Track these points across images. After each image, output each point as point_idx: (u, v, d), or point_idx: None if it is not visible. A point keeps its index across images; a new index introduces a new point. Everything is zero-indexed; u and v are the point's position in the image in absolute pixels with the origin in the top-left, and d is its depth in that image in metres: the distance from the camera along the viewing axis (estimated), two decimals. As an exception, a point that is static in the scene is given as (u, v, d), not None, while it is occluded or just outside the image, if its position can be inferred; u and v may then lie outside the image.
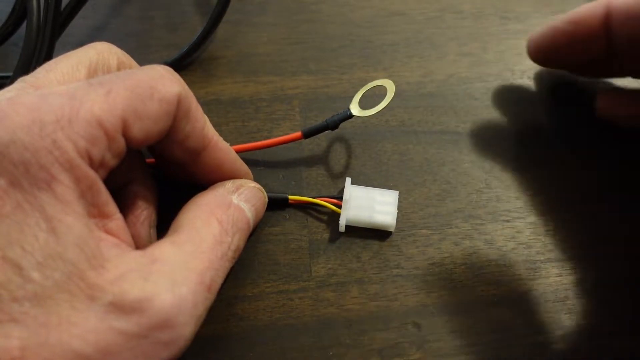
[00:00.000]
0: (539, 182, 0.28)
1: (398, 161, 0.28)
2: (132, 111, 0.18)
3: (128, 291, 0.16)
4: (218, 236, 0.20)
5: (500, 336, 0.24)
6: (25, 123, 0.16)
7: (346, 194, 0.26)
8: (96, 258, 0.16)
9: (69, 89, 0.17)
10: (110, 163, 0.18)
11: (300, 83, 0.30)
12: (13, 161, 0.16)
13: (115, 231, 0.18)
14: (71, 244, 0.16)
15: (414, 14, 0.34)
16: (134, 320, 0.16)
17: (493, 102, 0.30)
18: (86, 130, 0.17)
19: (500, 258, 0.25)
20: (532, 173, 0.28)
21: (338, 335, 0.23)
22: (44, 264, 0.15)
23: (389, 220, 0.25)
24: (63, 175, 0.16)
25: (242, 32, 0.32)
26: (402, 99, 0.30)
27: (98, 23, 0.33)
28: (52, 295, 0.15)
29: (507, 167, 0.28)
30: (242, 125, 0.29)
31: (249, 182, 0.23)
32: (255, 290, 0.24)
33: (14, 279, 0.15)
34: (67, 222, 0.16)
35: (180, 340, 0.17)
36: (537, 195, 0.27)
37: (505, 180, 0.28)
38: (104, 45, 0.21)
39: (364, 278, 0.25)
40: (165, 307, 0.17)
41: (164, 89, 0.19)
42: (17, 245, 0.15)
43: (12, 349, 0.15)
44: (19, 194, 0.16)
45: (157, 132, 0.19)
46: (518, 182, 0.28)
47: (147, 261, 0.18)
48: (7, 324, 0.15)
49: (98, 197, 0.17)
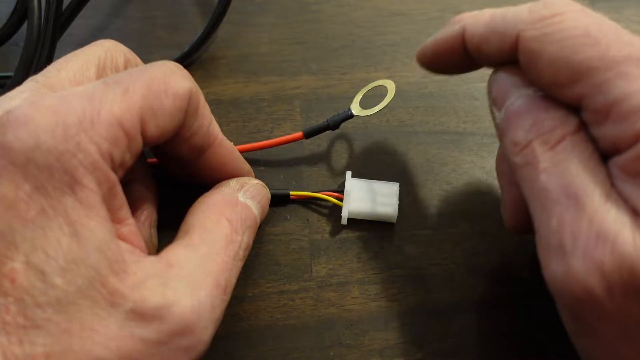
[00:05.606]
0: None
1: (399, 161, 0.28)
2: (149, 108, 0.18)
3: (148, 298, 0.16)
4: (229, 236, 0.20)
5: (501, 336, 0.24)
6: (49, 126, 0.16)
7: (347, 186, 0.26)
8: (118, 263, 0.16)
9: (87, 89, 0.17)
10: (129, 163, 0.18)
11: (301, 83, 0.30)
12: (38, 166, 0.15)
13: (128, 237, 0.18)
14: (94, 248, 0.16)
15: (414, 14, 0.34)
16: (154, 327, 0.16)
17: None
18: (108, 132, 0.17)
19: (500, 258, 0.25)
20: (533, 173, 0.28)
21: (339, 336, 0.23)
22: (67, 269, 0.15)
23: (390, 211, 0.25)
24: (87, 178, 0.16)
25: (243, 32, 0.32)
26: (403, 99, 0.30)
27: (99, 23, 0.33)
28: (75, 301, 0.15)
29: (508, 168, 0.28)
30: (243, 125, 0.29)
31: (252, 180, 0.23)
32: (256, 291, 0.24)
33: (38, 285, 0.15)
34: (90, 227, 0.16)
35: (200, 345, 0.17)
36: (538, 195, 0.27)
37: (506, 180, 0.28)
38: (110, 43, 0.21)
39: (365, 278, 0.25)
40: (185, 314, 0.17)
41: (176, 84, 0.19)
42: (40, 251, 0.15)
43: (37, 356, 0.15)
44: (43, 198, 0.15)
45: (171, 128, 0.19)
46: (519, 182, 0.28)
47: (164, 266, 0.18)
48: (31, 330, 0.15)
49: (115, 201, 0.17)
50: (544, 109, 0.19)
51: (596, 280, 0.16)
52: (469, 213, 0.27)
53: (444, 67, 0.24)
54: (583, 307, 0.17)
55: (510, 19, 0.20)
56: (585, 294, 0.17)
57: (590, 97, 0.18)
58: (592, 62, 0.18)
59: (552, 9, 0.19)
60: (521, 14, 0.19)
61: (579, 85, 0.18)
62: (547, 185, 0.18)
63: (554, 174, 0.18)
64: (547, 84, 0.19)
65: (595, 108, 0.18)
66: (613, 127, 0.17)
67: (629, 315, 0.17)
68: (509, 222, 0.22)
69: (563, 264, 0.17)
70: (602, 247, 0.16)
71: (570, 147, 0.18)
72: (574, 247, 0.17)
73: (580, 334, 0.19)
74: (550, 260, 0.18)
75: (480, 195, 0.27)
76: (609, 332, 0.17)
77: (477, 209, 0.27)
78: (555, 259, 0.17)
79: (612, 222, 0.16)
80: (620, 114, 0.17)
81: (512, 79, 0.20)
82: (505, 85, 0.20)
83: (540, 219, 0.18)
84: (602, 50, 0.17)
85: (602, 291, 0.16)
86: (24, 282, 0.15)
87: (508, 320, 0.24)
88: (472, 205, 0.27)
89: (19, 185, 0.15)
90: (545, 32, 0.18)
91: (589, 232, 0.17)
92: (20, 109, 0.16)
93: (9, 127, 0.16)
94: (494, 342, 0.23)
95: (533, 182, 0.18)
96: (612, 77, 0.17)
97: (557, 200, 0.17)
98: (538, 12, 0.19)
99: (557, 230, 0.17)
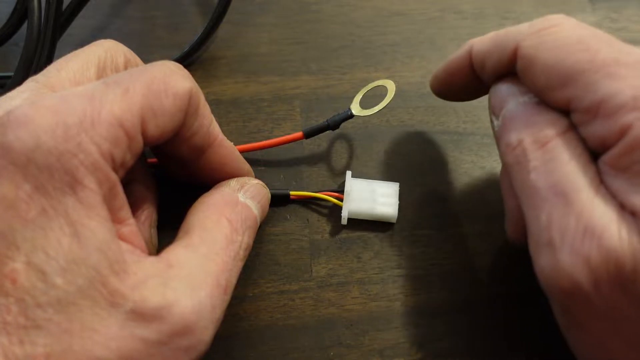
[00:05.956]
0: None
1: (399, 161, 0.28)
2: (149, 108, 0.18)
3: (148, 298, 0.16)
4: (229, 236, 0.20)
5: (501, 336, 0.24)
6: (49, 126, 0.16)
7: (347, 186, 0.26)
8: (118, 263, 0.16)
9: (87, 89, 0.17)
10: (129, 163, 0.18)
11: (301, 83, 0.30)
12: (38, 166, 0.15)
13: (128, 237, 0.18)
14: (94, 249, 0.16)
15: (414, 14, 0.34)
16: (155, 327, 0.16)
17: (494, 102, 0.30)
18: (109, 132, 0.17)
19: (501, 258, 0.25)
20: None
21: (339, 336, 0.23)
22: (68, 269, 0.15)
23: (390, 211, 0.25)
24: (88, 179, 0.16)
25: (243, 32, 0.32)
26: (403, 99, 0.30)
27: (99, 23, 0.33)
28: (75, 302, 0.15)
29: (507, 168, 0.28)
30: (243, 125, 0.29)
31: (252, 180, 0.23)
32: (256, 291, 0.24)
33: (38, 285, 0.15)
34: (90, 227, 0.16)
35: (200, 345, 0.17)
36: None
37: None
38: (110, 43, 0.22)
39: (365, 278, 0.25)
40: (185, 314, 0.17)
41: (176, 84, 0.19)
42: (41, 251, 0.15)
43: (38, 356, 0.15)
44: (44, 198, 0.15)
45: (172, 128, 0.19)
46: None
47: (164, 266, 0.18)
48: (32, 330, 0.15)
49: (115, 201, 0.17)
50: (536, 112, 0.20)
51: (583, 274, 0.17)
52: (468, 213, 0.27)
53: (455, 90, 0.26)
54: (571, 301, 0.18)
55: (511, 33, 0.21)
56: (573, 288, 0.17)
57: (579, 98, 0.18)
58: (581, 65, 0.18)
59: (550, 21, 0.20)
60: (522, 28, 0.21)
61: (569, 87, 0.19)
62: (537, 183, 0.18)
63: (543, 172, 0.18)
64: (541, 88, 0.20)
65: (584, 108, 0.18)
66: (601, 124, 0.18)
67: (615, 309, 0.17)
68: (511, 234, 0.22)
69: (552, 259, 0.18)
70: (589, 241, 0.17)
71: (560, 146, 0.19)
72: (562, 243, 0.17)
73: (570, 327, 0.19)
74: (539, 255, 0.18)
75: (480, 196, 0.27)
76: (596, 325, 0.18)
77: (477, 209, 0.27)
78: (544, 255, 0.18)
79: (599, 217, 0.17)
80: (607, 111, 0.18)
81: (509, 89, 0.21)
82: (503, 94, 0.22)
83: (530, 216, 0.19)
84: (592, 54, 0.19)
85: (589, 285, 0.17)
86: (25, 282, 0.15)
87: (508, 320, 0.24)
88: (472, 205, 0.27)
89: (19, 186, 0.15)
90: (541, 40, 0.20)
91: (577, 227, 0.17)
92: (20, 109, 0.16)
93: (10, 127, 0.16)
94: (494, 342, 0.23)
95: (524, 180, 0.19)
96: (600, 78, 0.18)
97: (546, 198, 0.18)
98: (537, 25, 0.20)
99: (546, 226, 0.18)
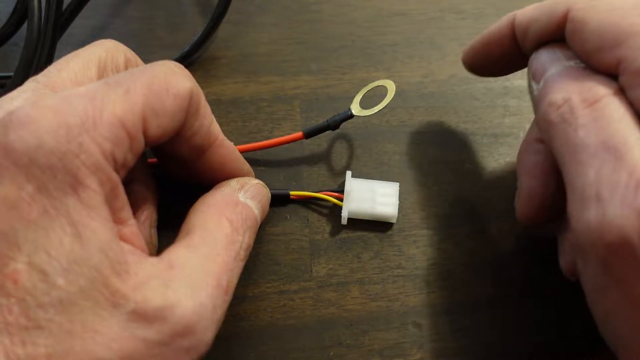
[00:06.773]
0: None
1: (399, 161, 0.28)
2: (150, 108, 0.18)
3: (150, 299, 0.16)
4: (230, 236, 0.20)
5: (501, 336, 0.24)
6: (51, 127, 0.16)
7: (347, 186, 0.26)
8: (120, 264, 0.16)
9: (88, 90, 0.17)
10: (131, 163, 0.18)
11: (301, 83, 0.30)
12: (40, 166, 0.15)
13: (129, 237, 0.18)
14: (96, 249, 0.16)
15: (414, 14, 0.34)
16: (156, 328, 0.16)
17: (493, 102, 0.30)
18: (110, 132, 0.17)
19: (500, 258, 0.25)
20: (533, 173, 0.28)
21: (339, 336, 0.23)
22: (69, 269, 0.15)
23: (390, 211, 0.25)
24: (90, 179, 0.16)
25: (243, 32, 0.32)
26: (403, 99, 0.30)
27: (99, 23, 0.33)
28: (76, 302, 0.15)
29: (507, 167, 0.28)
30: (243, 125, 0.29)
31: (252, 180, 0.23)
32: (256, 291, 0.24)
33: (40, 285, 0.15)
34: (92, 227, 0.16)
35: (201, 346, 0.17)
36: (537, 195, 0.27)
37: (506, 180, 0.28)
38: (111, 43, 0.22)
39: (365, 278, 0.25)
40: (186, 315, 0.17)
41: (177, 84, 0.19)
42: (43, 251, 0.15)
43: (39, 357, 0.15)
44: (46, 199, 0.15)
45: (173, 128, 0.19)
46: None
47: (165, 267, 0.18)
48: (33, 330, 0.15)
49: (117, 201, 0.17)
50: (584, 74, 0.20)
51: (633, 227, 0.16)
52: (469, 213, 0.27)
53: (491, 62, 0.25)
54: (616, 257, 0.17)
55: (560, 0, 0.21)
56: (621, 241, 0.17)
57: (630, 59, 0.18)
58: (637, 28, 0.19)
59: None
60: None
61: (621, 48, 0.19)
62: (586, 139, 0.18)
63: (593, 128, 0.18)
64: (590, 50, 0.20)
65: (634, 70, 0.18)
66: None
67: None
68: (524, 213, 0.22)
69: (599, 212, 0.17)
70: None
71: (609, 105, 0.19)
72: (611, 196, 0.17)
73: (609, 286, 0.19)
74: (584, 210, 0.18)
75: (480, 195, 0.27)
76: (639, 282, 0.18)
77: (477, 209, 0.27)
78: (590, 209, 0.18)
79: None
80: None
81: (554, 53, 0.21)
82: (547, 58, 0.22)
83: (574, 172, 0.19)
84: None
85: (638, 237, 0.16)
86: (27, 282, 0.15)
87: (508, 320, 0.24)
88: (472, 205, 0.27)
89: (21, 186, 0.15)
90: (594, 4, 0.20)
91: (629, 181, 0.17)
92: (22, 110, 0.16)
93: (11, 128, 0.16)
94: (494, 342, 0.23)
95: (569, 137, 0.19)
96: None
97: (595, 154, 0.18)
98: None
99: (594, 181, 0.18)
